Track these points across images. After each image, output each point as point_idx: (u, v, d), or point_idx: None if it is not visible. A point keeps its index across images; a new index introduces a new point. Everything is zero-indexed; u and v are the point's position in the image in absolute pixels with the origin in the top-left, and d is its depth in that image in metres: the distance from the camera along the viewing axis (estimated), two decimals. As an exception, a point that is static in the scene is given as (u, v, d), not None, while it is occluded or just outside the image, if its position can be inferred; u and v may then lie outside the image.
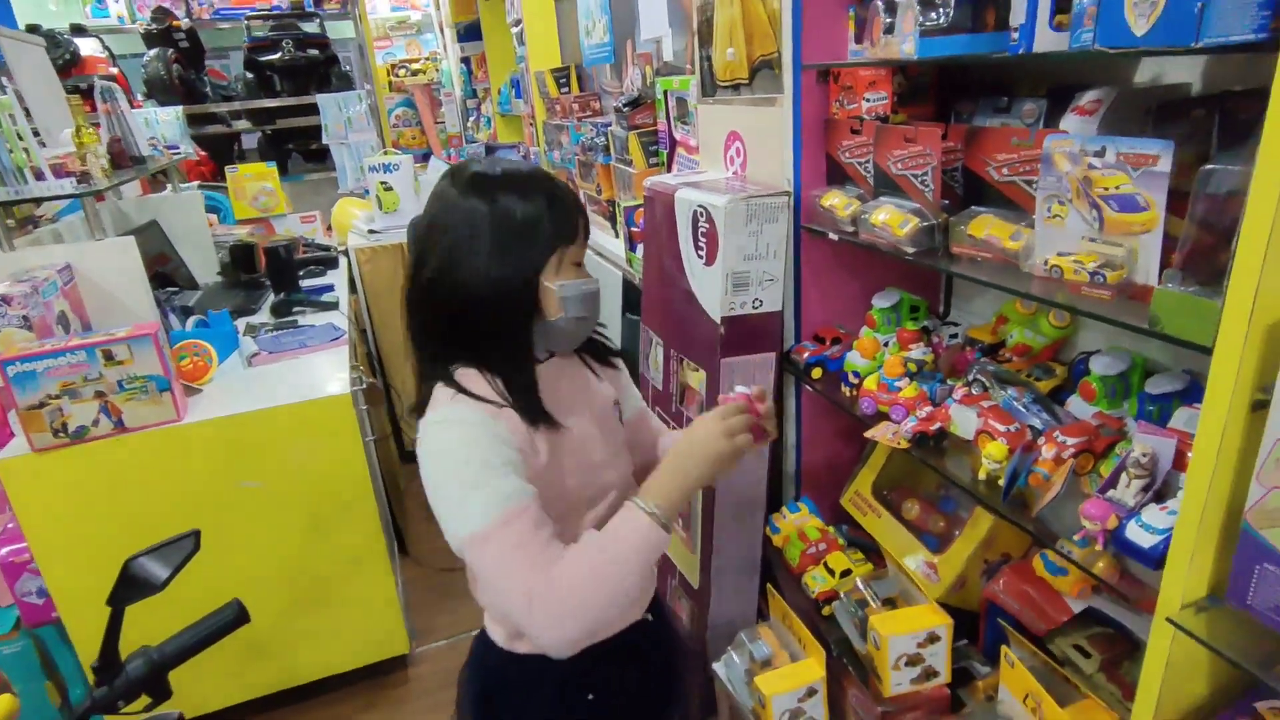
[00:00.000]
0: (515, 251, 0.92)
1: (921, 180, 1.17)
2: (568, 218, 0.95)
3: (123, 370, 1.67)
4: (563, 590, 0.84)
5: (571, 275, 0.96)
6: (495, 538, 0.85)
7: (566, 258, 0.95)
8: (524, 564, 0.85)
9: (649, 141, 2.37)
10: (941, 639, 1.20)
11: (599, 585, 0.86)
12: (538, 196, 0.93)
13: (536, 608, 0.84)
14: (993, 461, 1.09)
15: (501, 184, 0.93)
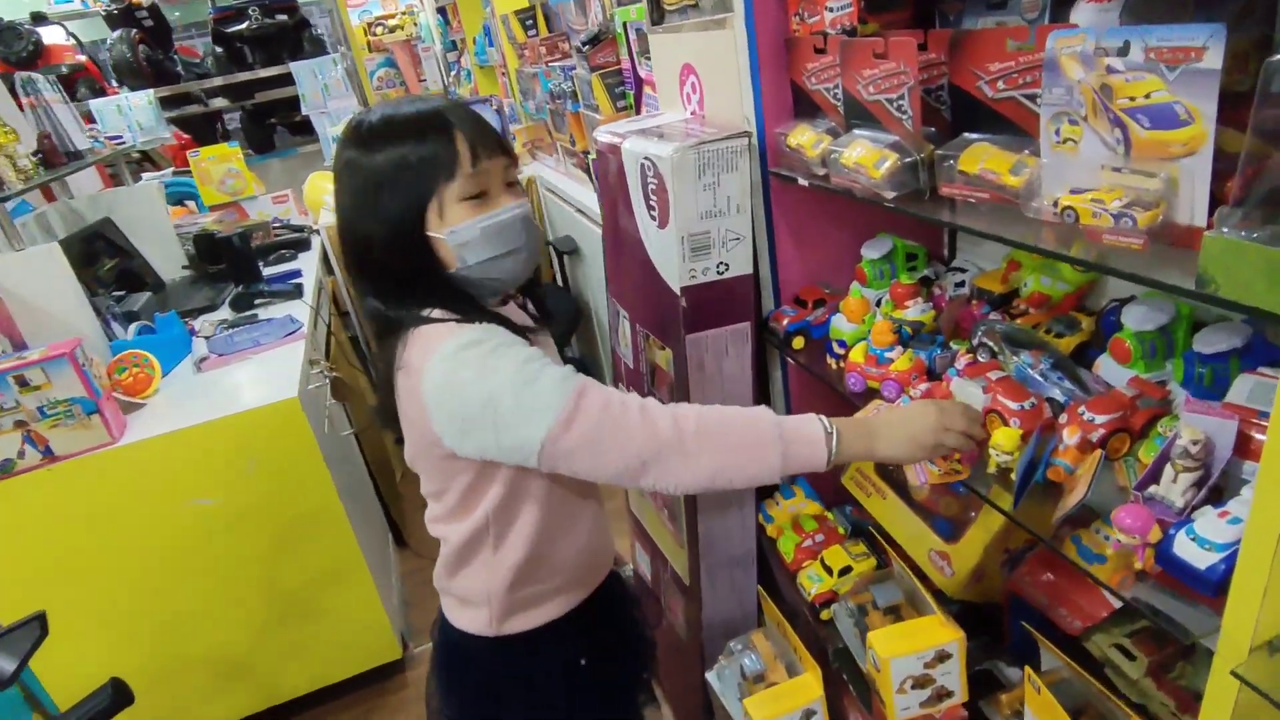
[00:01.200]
0: (390, 207, 0.86)
1: (897, 105, 0.93)
2: (439, 153, 0.85)
3: (41, 395, 1.52)
4: (710, 427, 0.83)
5: (463, 214, 0.87)
6: (579, 413, 0.82)
7: (449, 198, 0.87)
8: (625, 415, 0.83)
9: (614, 83, 2.12)
10: (953, 656, 1.02)
11: (738, 445, 0.84)
12: (404, 139, 0.85)
13: (666, 442, 0.82)
14: (1001, 453, 0.88)
15: (373, 133, 0.87)
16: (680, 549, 1.53)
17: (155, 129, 4.53)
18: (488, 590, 0.98)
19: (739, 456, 0.84)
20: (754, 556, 1.49)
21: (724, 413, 0.87)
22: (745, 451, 0.84)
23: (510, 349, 0.85)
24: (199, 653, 1.81)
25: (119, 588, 1.69)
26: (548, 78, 2.71)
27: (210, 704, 1.87)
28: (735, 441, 0.85)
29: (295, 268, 2.72)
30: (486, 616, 1.00)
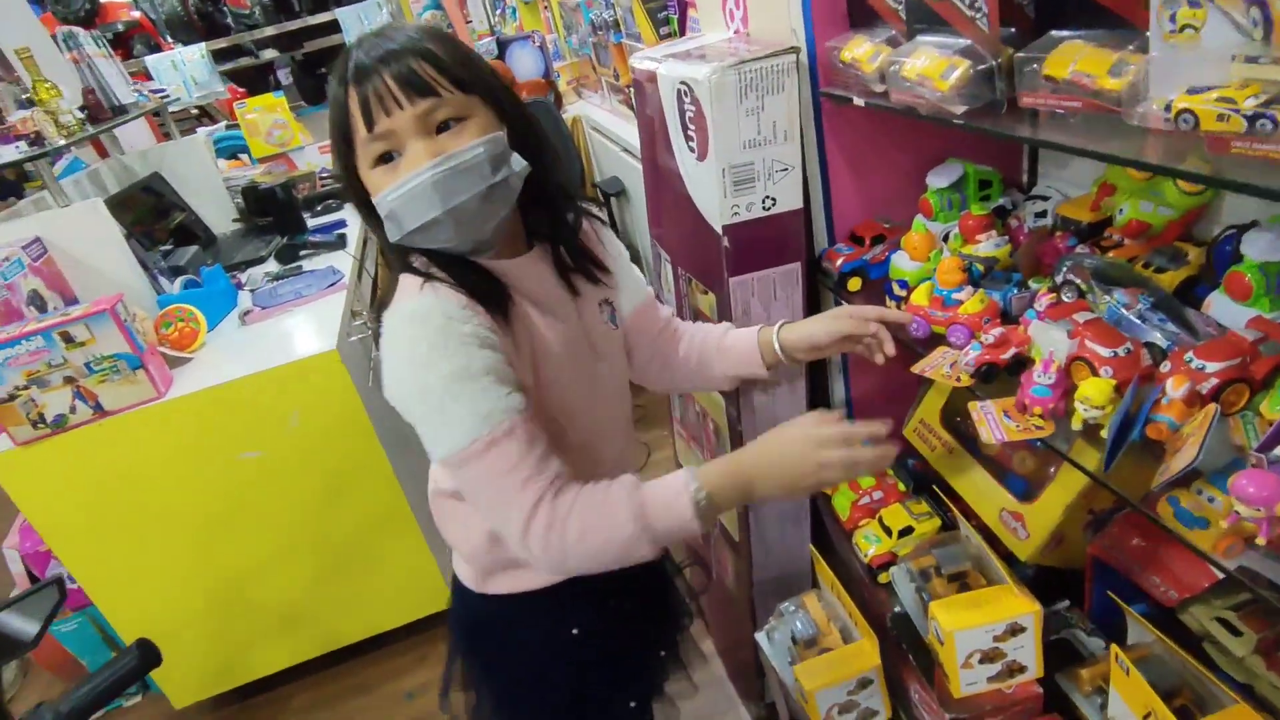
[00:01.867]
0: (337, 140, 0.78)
1: (971, 3, 0.79)
2: (338, 112, 0.75)
3: (87, 351, 1.53)
4: (572, 529, 0.75)
5: (379, 182, 0.76)
6: (484, 459, 0.74)
7: (362, 162, 0.76)
8: (516, 485, 0.75)
9: (656, 7, 1.97)
10: (1028, 630, 0.92)
11: (610, 542, 0.77)
12: (342, 71, 0.75)
13: (534, 538, 0.75)
14: (1090, 408, 0.76)
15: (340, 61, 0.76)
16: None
17: (209, 83, 4.56)
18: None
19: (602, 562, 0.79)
20: (807, 512, 1.40)
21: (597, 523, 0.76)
22: (612, 553, 0.78)
23: (454, 346, 0.74)
24: (257, 601, 1.85)
25: (176, 537, 1.72)
26: (589, 7, 2.57)
27: (268, 649, 1.93)
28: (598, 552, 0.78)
29: (340, 218, 2.69)
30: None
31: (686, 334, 1.07)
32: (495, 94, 0.79)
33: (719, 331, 1.06)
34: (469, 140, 0.75)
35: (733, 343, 1.03)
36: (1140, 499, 0.74)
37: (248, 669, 1.93)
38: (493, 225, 0.79)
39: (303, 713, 1.94)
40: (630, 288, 1.02)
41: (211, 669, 1.90)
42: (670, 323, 1.07)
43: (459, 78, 0.75)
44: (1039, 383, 0.81)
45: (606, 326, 0.95)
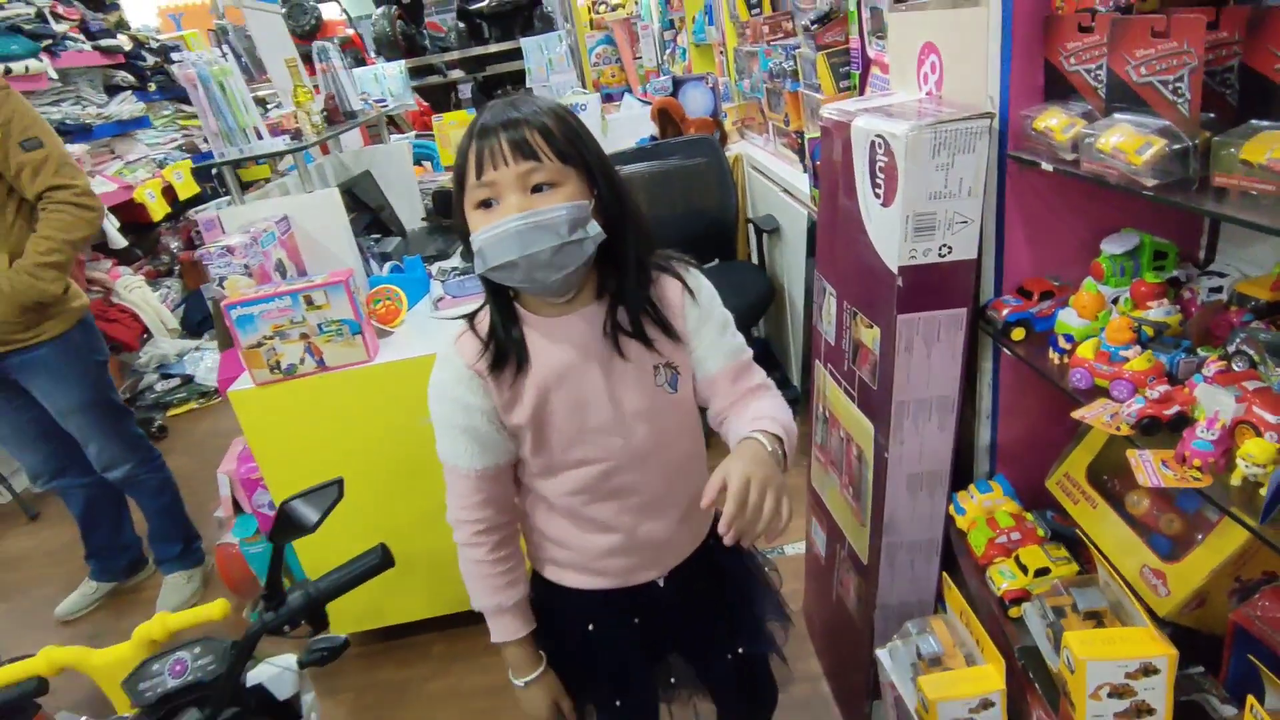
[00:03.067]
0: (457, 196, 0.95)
1: (1174, 88, 0.88)
2: (461, 161, 0.92)
3: (321, 314, 1.82)
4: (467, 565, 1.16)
5: (476, 223, 0.92)
6: (445, 472, 1.11)
7: (468, 203, 0.92)
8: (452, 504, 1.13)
9: (840, 63, 2.11)
10: (1161, 672, 0.97)
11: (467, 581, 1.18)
12: (471, 127, 0.92)
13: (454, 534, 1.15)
14: (1252, 465, 0.82)
15: (473, 120, 0.93)
16: (861, 528, 1.55)
17: (403, 96, 5.08)
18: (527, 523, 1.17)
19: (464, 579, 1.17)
20: (939, 545, 1.47)
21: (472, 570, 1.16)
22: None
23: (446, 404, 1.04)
24: (414, 552, 2.06)
25: (363, 486, 1.95)
26: (768, 56, 2.74)
27: (417, 598, 2.15)
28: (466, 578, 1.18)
29: (516, 226, 2.97)
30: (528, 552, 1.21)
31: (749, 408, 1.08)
32: (592, 169, 0.93)
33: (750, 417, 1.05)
34: (556, 202, 0.89)
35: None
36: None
37: (398, 612, 2.16)
38: (560, 276, 0.92)
39: (439, 660, 2.15)
40: (714, 353, 1.06)
41: (366, 608, 2.14)
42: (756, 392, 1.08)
43: (562, 150, 0.90)
44: (1201, 437, 0.88)
45: (657, 391, 1.04)
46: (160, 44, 4.84)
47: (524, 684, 1.16)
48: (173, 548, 2.60)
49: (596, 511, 1.09)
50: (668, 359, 1.04)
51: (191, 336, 4.71)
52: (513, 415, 1.01)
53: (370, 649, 2.23)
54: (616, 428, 1.04)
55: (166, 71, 4.75)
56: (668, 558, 1.17)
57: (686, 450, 1.12)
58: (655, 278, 1.03)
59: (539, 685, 1.16)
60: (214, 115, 2.05)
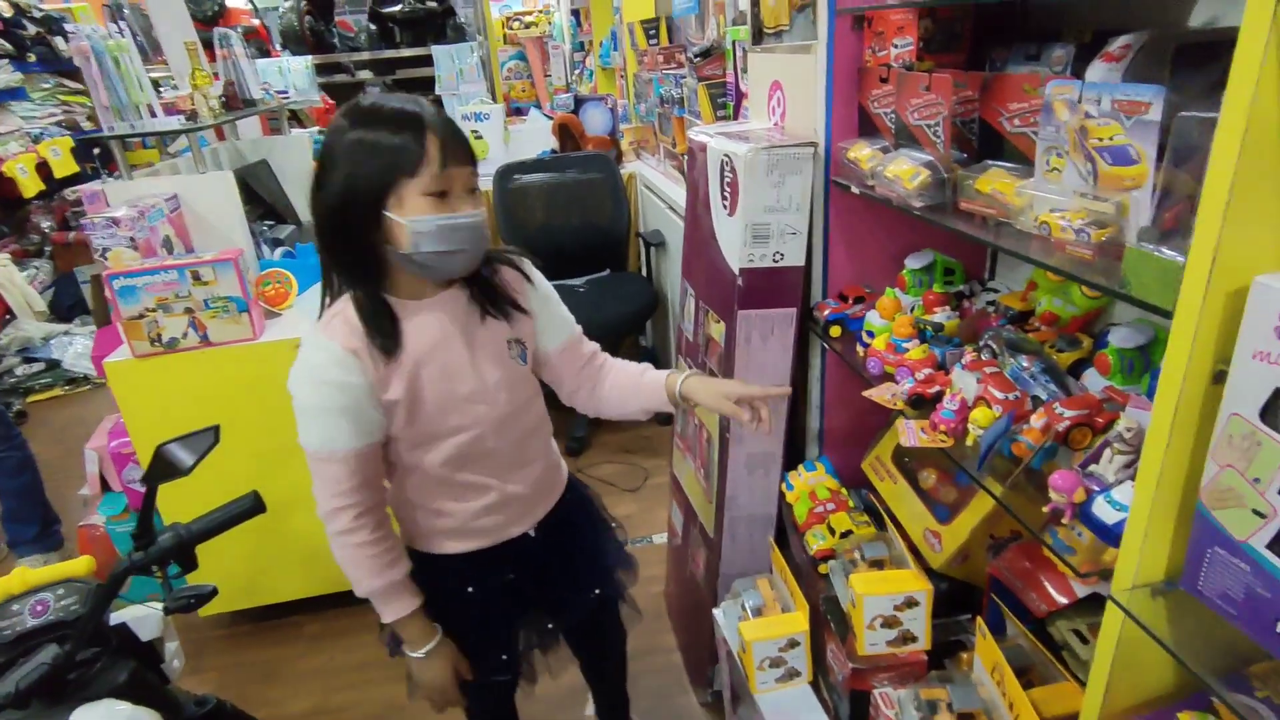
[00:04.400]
0: (357, 180, 0.97)
1: (934, 131, 1.12)
2: (409, 148, 0.96)
3: (208, 290, 1.86)
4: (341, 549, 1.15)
5: (425, 208, 0.98)
6: (314, 463, 1.10)
7: (411, 189, 0.97)
8: (325, 495, 1.11)
9: (718, 93, 2.34)
10: (920, 604, 1.18)
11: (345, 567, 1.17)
12: (381, 127, 0.96)
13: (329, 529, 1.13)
14: (977, 427, 1.05)
15: (362, 115, 0.98)
16: (709, 504, 1.73)
17: (308, 91, 5.03)
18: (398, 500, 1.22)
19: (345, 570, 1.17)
20: (773, 518, 1.67)
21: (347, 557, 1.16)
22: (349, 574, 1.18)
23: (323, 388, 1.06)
24: (289, 531, 2.11)
25: (237, 461, 2.00)
26: (661, 84, 2.96)
27: (291, 578, 2.19)
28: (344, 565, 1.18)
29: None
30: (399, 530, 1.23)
31: (612, 370, 1.28)
32: None
33: (637, 371, 1.27)
34: (483, 208, 1.05)
35: (648, 382, 1.24)
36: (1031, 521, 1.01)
37: (271, 592, 2.18)
38: (474, 267, 1.09)
39: (312, 640, 2.18)
40: (555, 327, 1.23)
41: (238, 586, 2.16)
42: (595, 358, 1.28)
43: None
44: (946, 408, 1.10)
45: (512, 364, 1.17)
46: (44, 14, 4.62)
47: (424, 654, 1.18)
48: (28, 529, 2.51)
49: (469, 475, 1.18)
50: (518, 335, 1.18)
51: (60, 321, 4.48)
52: (387, 392, 1.07)
53: (239, 629, 2.24)
54: (482, 396, 1.14)
55: (48, 43, 4.54)
56: (536, 510, 1.28)
57: (539, 414, 1.26)
58: (496, 268, 1.17)
59: (438, 654, 1.19)
60: (105, 89, 2.05)
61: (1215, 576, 0.72)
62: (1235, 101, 0.61)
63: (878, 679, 1.23)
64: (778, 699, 1.38)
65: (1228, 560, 0.71)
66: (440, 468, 1.16)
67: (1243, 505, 0.66)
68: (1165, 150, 0.77)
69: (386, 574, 1.14)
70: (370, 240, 1.00)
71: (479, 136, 3.42)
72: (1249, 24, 0.59)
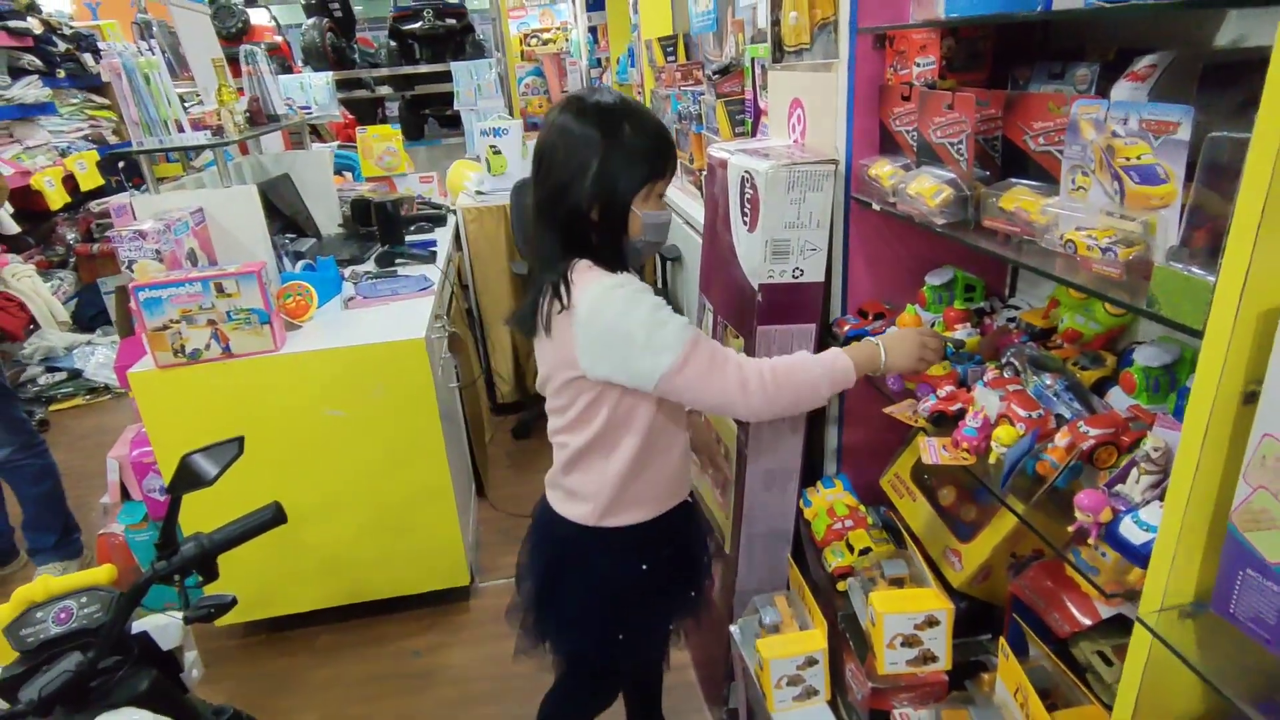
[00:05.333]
0: (620, 179, 1.13)
1: (957, 149, 1.12)
2: (664, 155, 1.17)
3: (231, 302, 1.88)
4: (780, 376, 1.15)
5: (655, 205, 1.19)
6: (697, 351, 1.12)
7: (655, 189, 1.18)
8: (723, 365, 1.13)
9: (736, 110, 2.35)
10: (941, 624, 1.17)
11: (802, 384, 1.17)
12: (646, 136, 1.14)
13: (753, 390, 1.13)
14: (1000, 446, 1.04)
15: (615, 118, 1.12)
16: (726, 519, 1.72)
17: (328, 106, 5.09)
18: (597, 489, 1.24)
19: (800, 397, 1.19)
20: (790, 535, 1.66)
21: (790, 364, 1.19)
22: (806, 392, 1.18)
23: (646, 295, 1.13)
24: (306, 543, 2.13)
25: (258, 472, 2.01)
26: (679, 100, 2.98)
27: (305, 589, 2.19)
28: (798, 386, 1.17)
29: (432, 238, 3.08)
30: (591, 509, 1.25)
31: None
32: None
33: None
34: None
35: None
36: (1055, 540, 1.00)
37: (285, 602, 2.19)
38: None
39: (323, 652, 2.19)
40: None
41: (253, 597, 2.17)
42: None
43: None
44: (969, 425, 1.10)
45: None
46: (74, 31, 4.72)
47: (885, 355, 1.23)
48: (48, 537, 2.53)
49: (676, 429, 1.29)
50: None
51: (83, 331, 4.54)
52: None
53: (254, 639, 2.25)
54: None
55: (78, 59, 4.63)
56: (690, 478, 1.40)
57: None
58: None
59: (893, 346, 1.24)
60: (135, 105, 2.09)
61: (1247, 599, 0.71)
62: (1269, 121, 0.61)
63: (898, 699, 1.22)
64: (795, 718, 1.36)
65: (1260, 583, 0.70)
66: (658, 420, 1.23)
67: (1276, 527, 0.66)
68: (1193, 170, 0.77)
69: (815, 355, 1.22)
70: (610, 226, 1.16)
71: (497, 152, 3.45)
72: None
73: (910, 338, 1.22)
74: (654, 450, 1.24)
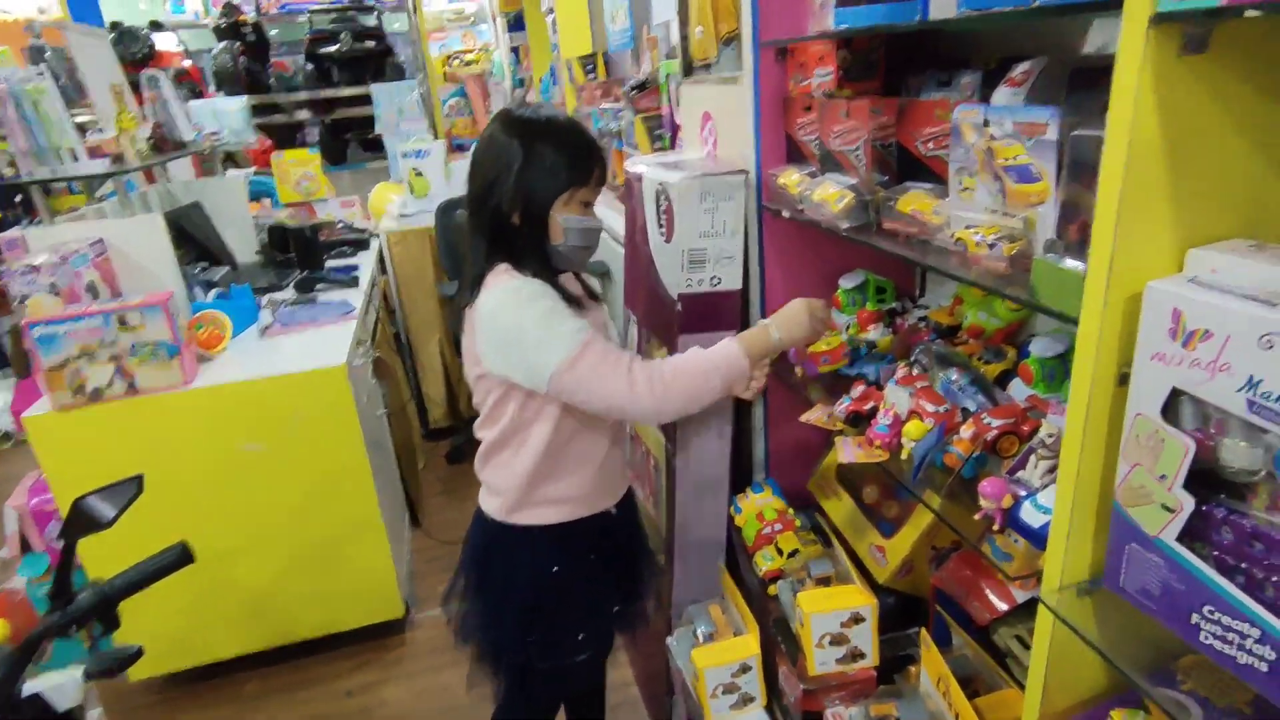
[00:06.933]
0: (538, 184, 1.16)
1: (856, 155, 1.15)
2: (585, 163, 1.19)
3: (136, 336, 1.80)
4: (668, 374, 1.17)
5: (578, 211, 1.21)
6: (587, 353, 1.13)
7: (577, 197, 1.20)
8: (614, 366, 1.14)
9: (654, 125, 2.38)
10: (866, 620, 1.19)
11: (693, 377, 1.19)
12: (568, 143, 1.17)
13: (641, 391, 1.14)
14: (910, 440, 1.07)
15: (536, 129, 1.17)
16: (659, 532, 1.72)
17: (243, 132, 4.95)
18: (506, 485, 1.27)
19: (693, 393, 1.20)
20: (723, 544, 1.67)
21: (679, 363, 1.21)
22: (699, 386, 1.19)
23: (545, 298, 1.15)
24: (228, 584, 2.04)
25: (172, 513, 1.91)
26: (600, 117, 3.00)
27: (230, 634, 2.09)
28: (689, 383, 1.19)
29: (354, 263, 3.01)
30: (501, 504, 1.28)
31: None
32: None
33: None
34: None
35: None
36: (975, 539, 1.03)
37: (207, 650, 2.08)
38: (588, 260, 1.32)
39: (252, 700, 2.09)
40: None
41: (172, 647, 2.05)
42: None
43: None
44: (881, 423, 1.12)
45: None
46: (-39, 59, 4.47)
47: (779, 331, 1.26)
48: (-58, 598, 2.35)
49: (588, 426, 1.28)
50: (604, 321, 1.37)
51: (-21, 375, 4.26)
52: None
53: (175, 693, 2.12)
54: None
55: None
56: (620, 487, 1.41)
57: None
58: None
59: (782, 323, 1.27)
60: (24, 134, 1.99)
61: (1134, 572, 0.75)
62: (1118, 120, 0.65)
63: (829, 698, 1.23)
64: (734, 726, 1.36)
65: (1143, 555, 0.73)
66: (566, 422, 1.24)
67: (1152, 501, 0.69)
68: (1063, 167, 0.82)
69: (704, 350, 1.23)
70: (531, 231, 1.18)
71: (419, 174, 3.41)
72: (1125, 48, 0.63)
73: (797, 308, 1.26)
74: (567, 453, 1.26)
